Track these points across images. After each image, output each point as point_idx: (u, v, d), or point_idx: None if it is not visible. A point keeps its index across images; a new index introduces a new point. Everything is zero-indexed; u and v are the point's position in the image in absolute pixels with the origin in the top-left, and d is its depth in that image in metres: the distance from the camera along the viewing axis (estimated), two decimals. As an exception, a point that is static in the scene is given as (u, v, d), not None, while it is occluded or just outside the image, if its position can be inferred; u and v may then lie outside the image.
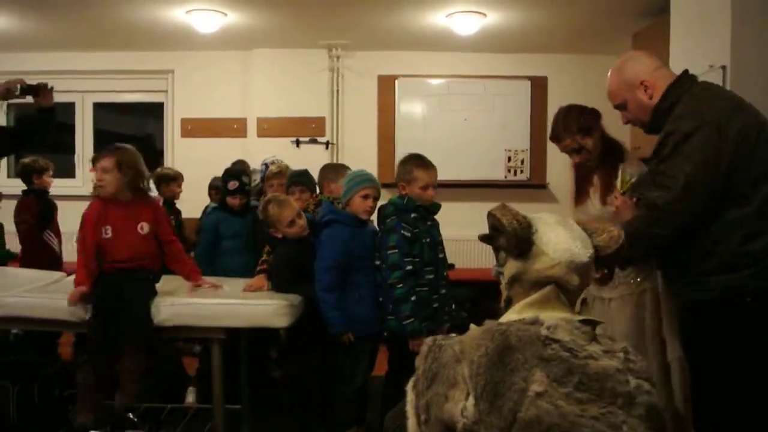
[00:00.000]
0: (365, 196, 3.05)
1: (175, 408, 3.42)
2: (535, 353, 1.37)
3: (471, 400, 1.38)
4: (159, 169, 4.82)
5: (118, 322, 2.69)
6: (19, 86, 3.14)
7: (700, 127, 1.92)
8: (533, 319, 1.47)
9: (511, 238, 1.59)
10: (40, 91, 3.22)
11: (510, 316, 1.58)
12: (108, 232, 2.84)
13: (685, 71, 2.12)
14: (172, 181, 4.61)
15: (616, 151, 2.71)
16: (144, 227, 2.91)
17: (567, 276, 1.56)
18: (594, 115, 2.72)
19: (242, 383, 3.30)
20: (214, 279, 3.17)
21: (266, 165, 4.29)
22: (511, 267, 1.63)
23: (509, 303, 1.65)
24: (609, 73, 2.21)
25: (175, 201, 4.65)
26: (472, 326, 1.54)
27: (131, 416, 3.23)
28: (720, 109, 1.96)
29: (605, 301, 2.66)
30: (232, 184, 3.92)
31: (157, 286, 2.92)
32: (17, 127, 3.88)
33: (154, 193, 4.68)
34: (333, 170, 3.64)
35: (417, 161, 3.09)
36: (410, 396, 1.53)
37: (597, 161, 2.72)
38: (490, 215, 1.66)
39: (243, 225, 3.88)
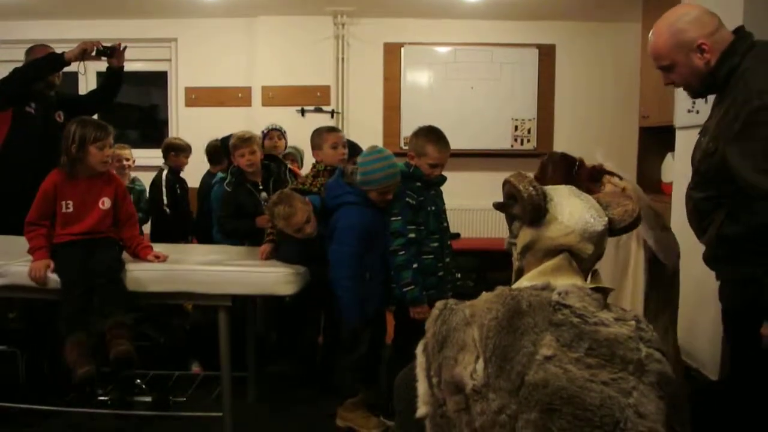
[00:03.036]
0: (384, 193, 2.94)
1: (182, 375, 3.45)
2: (545, 318, 1.37)
3: (480, 363, 1.38)
4: (169, 138, 4.81)
5: (90, 284, 2.68)
6: (95, 48, 3.29)
7: None
8: (544, 285, 1.48)
9: (527, 205, 1.57)
10: (115, 52, 3.57)
11: (522, 283, 1.58)
12: (69, 206, 2.82)
13: (741, 28, 1.94)
14: (180, 152, 4.59)
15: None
16: (105, 202, 2.89)
17: (581, 244, 1.55)
18: (582, 168, 2.52)
19: (248, 350, 3.33)
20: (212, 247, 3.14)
21: (263, 133, 4.25)
22: (525, 235, 1.62)
23: (521, 273, 1.64)
24: (655, 29, 2.00)
25: (181, 171, 4.63)
26: (484, 292, 1.53)
27: (140, 382, 3.28)
28: None
29: None
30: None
31: (165, 252, 2.93)
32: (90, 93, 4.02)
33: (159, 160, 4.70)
34: (317, 136, 3.47)
35: (433, 137, 3.01)
36: (420, 359, 1.53)
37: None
38: (506, 182, 1.66)
39: None
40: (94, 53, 3.45)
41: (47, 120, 3.51)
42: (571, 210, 1.58)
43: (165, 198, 4.40)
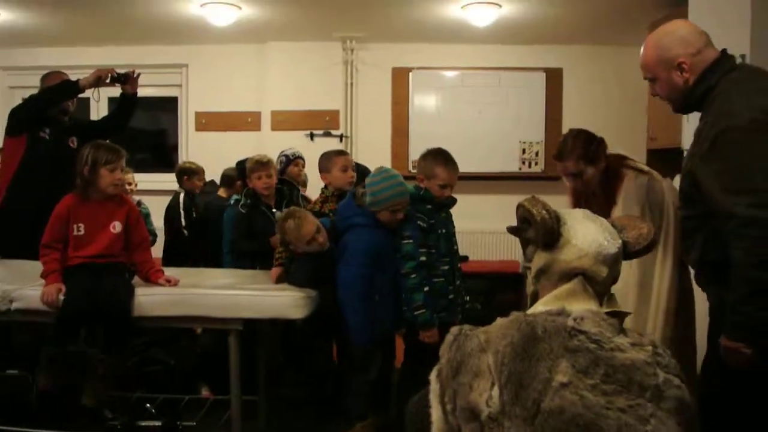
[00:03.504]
0: (395, 211, 2.94)
1: (192, 399, 3.44)
2: (561, 344, 1.36)
3: (496, 390, 1.36)
4: (183, 162, 4.85)
5: (94, 307, 2.71)
6: (110, 75, 3.35)
7: (756, 120, 1.77)
8: (560, 310, 1.46)
9: (540, 229, 1.58)
10: (128, 79, 3.62)
11: (537, 308, 1.57)
12: (80, 229, 2.85)
13: (724, 52, 1.97)
14: (194, 175, 4.64)
15: (615, 176, 2.64)
16: (117, 226, 2.92)
17: (595, 267, 1.54)
18: (602, 145, 2.64)
19: (259, 374, 3.32)
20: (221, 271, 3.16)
21: (286, 157, 4.25)
22: (539, 259, 1.61)
23: (536, 298, 1.63)
24: (645, 41, 2.04)
25: (195, 194, 4.67)
26: (499, 318, 1.53)
27: (149, 407, 3.28)
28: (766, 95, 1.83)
29: None
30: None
31: (177, 276, 2.94)
32: (103, 118, 4.12)
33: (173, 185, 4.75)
34: (325, 159, 3.50)
35: (441, 159, 3.03)
36: (434, 385, 1.51)
37: (596, 187, 2.65)
38: (520, 206, 1.66)
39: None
40: (108, 80, 3.50)
41: (60, 145, 3.55)
42: (585, 233, 1.57)
43: (183, 220, 4.43)
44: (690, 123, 3.61)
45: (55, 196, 2.96)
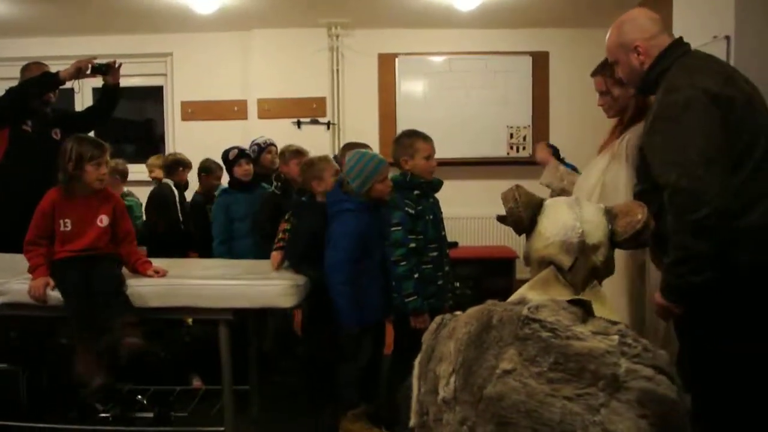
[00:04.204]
0: (384, 180, 2.99)
1: (183, 390, 3.45)
2: (511, 332, 1.36)
3: (453, 376, 1.39)
4: (175, 153, 4.80)
5: (92, 298, 2.70)
6: (90, 66, 3.30)
7: (694, 97, 1.89)
8: (520, 299, 1.50)
9: (510, 220, 1.64)
10: (110, 69, 3.56)
11: (514, 296, 1.60)
12: (68, 224, 2.83)
13: (679, 39, 2.11)
14: (187, 166, 4.61)
15: (641, 116, 2.62)
16: (104, 220, 2.90)
17: (560, 256, 1.58)
18: None
19: (251, 364, 3.32)
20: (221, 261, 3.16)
21: (258, 146, 4.24)
22: (524, 248, 1.68)
23: None
24: (610, 29, 2.20)
25: (183, 186, 4.64)
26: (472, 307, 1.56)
27: (141, 398, 3.28)
28: (711, 78, 1.94)
29: None
30: (233, 153, 3.96)
31: (165, 267, 2.94)
32: (87, 109, 4.03)
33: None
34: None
35: (414, 134, 3.11)
36: (416, 370, 1.56)
37: (626, 122, 2.64)
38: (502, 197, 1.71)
39: (253, 204, 3.84)
40: (89, 71, 3.45)
41: (44, 137, 3.52)
42: (555, 221, 1.61)
43: (180, 213, 4.41)
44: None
45: (41, 188, 2.93)
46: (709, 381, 1.93)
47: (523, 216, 1.62)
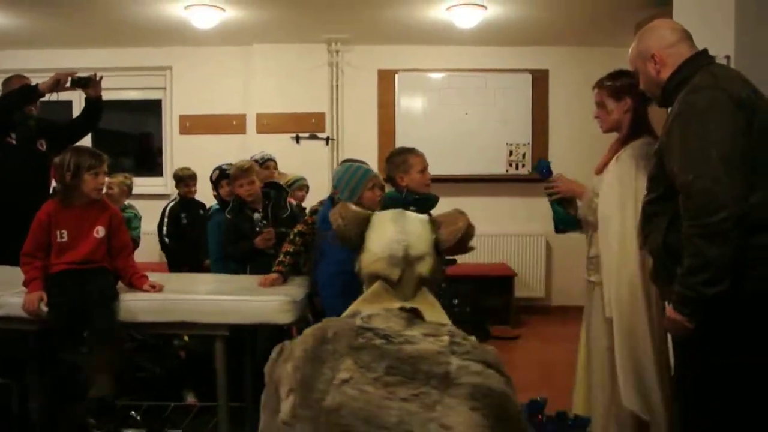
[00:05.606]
0: (373, 187, 3.00)
1: (177, 407, 3.41)
2: (347, 343, 1.40)
3: (291, 396, 1.40)
4: (181, 169, 4.79)
5: (80, 316, 2.68)
6: (70, 79, 3.29)
7: (720, 98, 1.84)
8: (354, 312, 1.54)
9: (338, 237, 1.73)
10: (90, 82, 3.52)
11: (345, 312, 1.65)
12: (63, 235, 2.81)
13: (704, 50, 2.07)
14: (192, 180, 4.61)
15: (640, 134, 2.62)
16: (100, 231, 2.88)
17: (388, 270, 1.62)
18: (629, 84, 2.52)
19: (246, 380, 3.28)
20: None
21: (256, 161, 4.21)
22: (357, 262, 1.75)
23: None
24: (635, 38, 2.19)
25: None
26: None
27: (134, 414, 3.24)
28: (737, 84, 1.89)
29: (592, 285, 2.65)
30: (215, 174, 3.99)
31: (161, 282, 2.91)
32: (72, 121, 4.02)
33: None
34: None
35: (406, 150, 3.15)
36: (261, 401, 1.58)
37: (623, 139, 2.63)
38: None
39: None
40: (68, 84, 3.44)
41: (29, 149, 3.52)
42: (380, 237, 1.66)
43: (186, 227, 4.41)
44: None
45: (29, 200, 2.92)
46: (718, 397, 1.89)
47: (350, 234, 1.69)
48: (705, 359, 1.91)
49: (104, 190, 4.33)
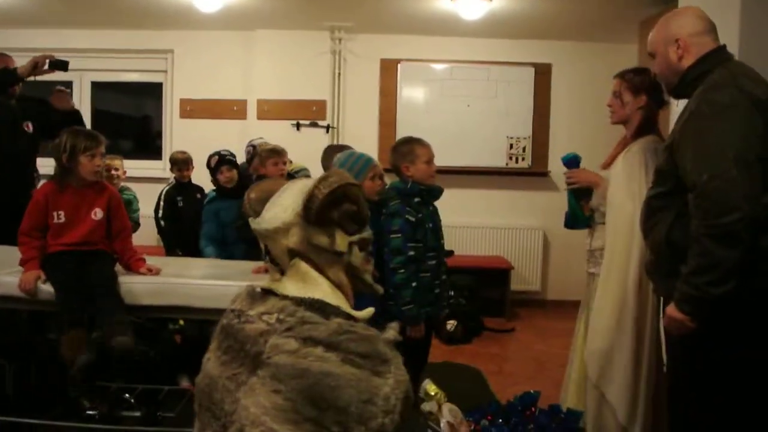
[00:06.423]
0: (373, 177, 2.99)
1: (172, 390, 3.41)
2: (220, 323, 1.47)
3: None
4: (177, 152, 4.77)
5: (85, 294, 2.68)
6: (48, 61, 3.29)
7: (738, 98, 1.83)
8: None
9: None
10: (66, 66, 3.51)
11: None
12: (61, 216, 2.81)
13: (723, 46, 2.04)
14: (185, 165, 4.59)
15: (648, 133, 2.62)
16: (98, 213, 2.87)
17: (261, 246, 1.56)
18: (649, 83, 2.56)
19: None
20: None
21: (254, 147, 4.19)
22: None
23: None
24: (658, 22, 2.15)
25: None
26: None
27: (128, 397, 3.24)
28: (756, 84, 1.88)
29: (592, 276, 2.67)
30: (213, 160, 3.95)
31: (159, 265, 2.91)
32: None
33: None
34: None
35: (413, 140, 3.11)
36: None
37: (633, 134, 2.63)
38: None
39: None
40: (46, 66, 3.45)
41: (15, 131, 3.50)
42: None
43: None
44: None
45: (15, 180, 2.91)
46: (721, 391, 1.90)
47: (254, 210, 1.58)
48: (707, 354, 1.90)
49: (111, 173, 4.36)
